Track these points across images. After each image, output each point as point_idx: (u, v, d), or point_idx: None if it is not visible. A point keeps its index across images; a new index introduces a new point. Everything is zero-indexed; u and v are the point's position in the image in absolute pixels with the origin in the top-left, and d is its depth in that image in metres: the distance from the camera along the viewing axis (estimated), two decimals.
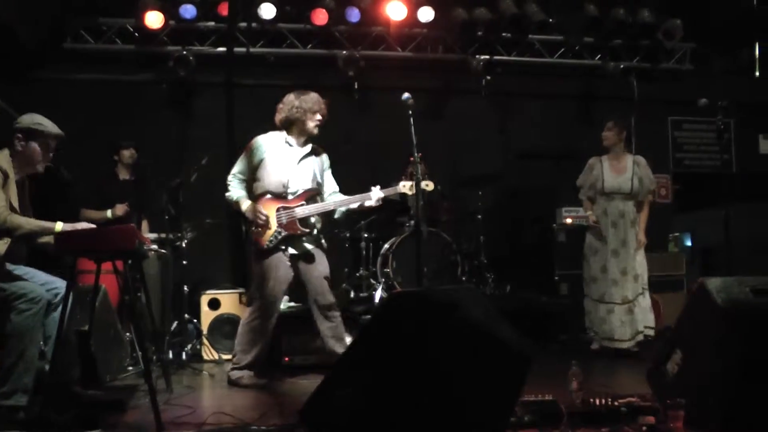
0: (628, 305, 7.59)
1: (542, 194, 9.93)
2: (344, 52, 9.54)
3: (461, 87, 10.14)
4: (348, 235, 8.79)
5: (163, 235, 7.85)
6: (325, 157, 6.72)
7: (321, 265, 6.48)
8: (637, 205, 7.84)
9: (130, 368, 6.58)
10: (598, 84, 10.75)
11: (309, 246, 6.45)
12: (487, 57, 9.93)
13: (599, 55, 10.60)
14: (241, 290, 8.28)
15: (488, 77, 9.83)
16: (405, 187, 6.47)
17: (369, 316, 7.45)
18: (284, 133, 6.55)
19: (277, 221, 6.30)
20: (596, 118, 10.04)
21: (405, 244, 8.23)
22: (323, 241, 6.61)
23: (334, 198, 6.58)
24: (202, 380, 6.84)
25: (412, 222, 8.31)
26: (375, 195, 6.42)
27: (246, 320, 6.45)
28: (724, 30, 11.78)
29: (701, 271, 9.94)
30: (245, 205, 6.36)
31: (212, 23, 9.41)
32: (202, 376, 7.01)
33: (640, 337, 7.57)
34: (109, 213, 7.75)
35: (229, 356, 7.87)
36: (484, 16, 9.82)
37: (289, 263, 6.37)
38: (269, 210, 6.31)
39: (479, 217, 9.23)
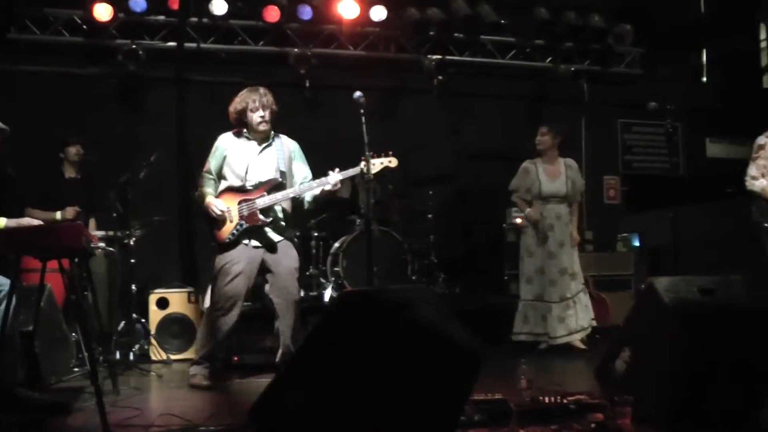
0: (566, 302, 7.69)
1: (493, 194, 9.94)
2: (296, 49, 9.49)
3: (413, 86, 10.15)
4: (298, 233, 8.74)
5: (111, 233, 7.75)
6: (293, 146, 6.66)
7: (289, 258, 6.41)
8: (569, 206, 7.95)
9: (76, 369, 6.47)
10: (549, 86, 10.84)
11: (274, 237, 6.37)
12: (440, 57, 9.97)
13: (550, 58, 10.68)
14: (190, 289, 8.20)
15: (440, 77, 9.86)
16: (364, 165, 6.36)
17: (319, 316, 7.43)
18: (243, 129, 6.50)
19: (239, 214, 6.24)
20: (547, 120, 10.13)
21: (355, 243, 8.21)
22: (296, 232, 6.57)
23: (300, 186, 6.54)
24: (150, 381, 6.74)
25: (363, 221, 8.29)
26: (333, 178, 6.32)
27: (207, 314, 6.43)
28: (674, 36, 11.96)
29: (649, 270, 10.07)
30: (208, 201, 6.30)
31: (162, 17, 9.30)
32: (150, 376, 6.89)
33: (582, 334, 7.68)
34: (58, 215, 7.58)
35: (178, 356, 7.83)
36: (437, 16, 9.85)
37: (252, 257, 6.29)
38: (231, 204, 6.25)
39: (430, 216, 9.24)
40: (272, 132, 6.52)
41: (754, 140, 7.18)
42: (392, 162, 6.46)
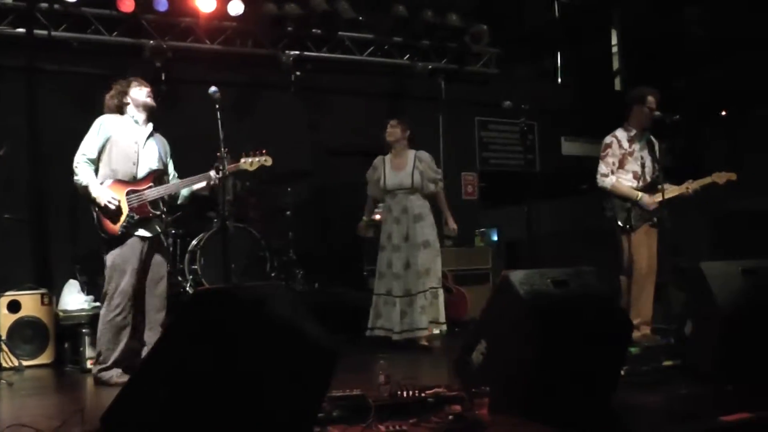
0: (410, 298, 7.64)
1: (351, 190, 10.00)
2: (151, 42, 9.30)
3: (270, 82, 10.10)
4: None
5: None
6: (165, 141, 6.59)
7: (163, 251, 6.44)
8: (425, 198, 7.93)
9: None
10: (408, 83, 10.98)
11: (159, 229, 6.33)
12: (297, 53, 9.96)
13: (408, 55, 10.81)
14: (43, 291, 7.92)
15: (298, 73, 9.85)
16: (246, 163, 6.48)
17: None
18: (126, 114, 6.37)
19: (128, 205, 6.11)
20: (406, 116, 10.25)
21: (212, 241, 8.13)
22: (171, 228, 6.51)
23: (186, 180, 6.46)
24: (0, 390, 6.43)
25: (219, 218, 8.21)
26: (215, 174, 6.32)
27: (106, 317, 6.19)
28: (529, 38, 12.29)
29: (507, 264, 10.30)
30: (96, 190, 6.09)
31: (10, 1, 8.89)
32: (0, 385, 6.57)
33: (423, 332, 7.63)
34: None
35: (31, 362, 7.56)
36: (294, 12, 9.83)
37: (141, 250, 6.18)
38: (119, 194, 6.11)
39: (288, 213, 9.23)
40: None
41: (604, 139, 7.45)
42: (267, 160, 6.53)
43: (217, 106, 6.01)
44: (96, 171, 6.23)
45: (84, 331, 7.30)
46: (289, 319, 3.79)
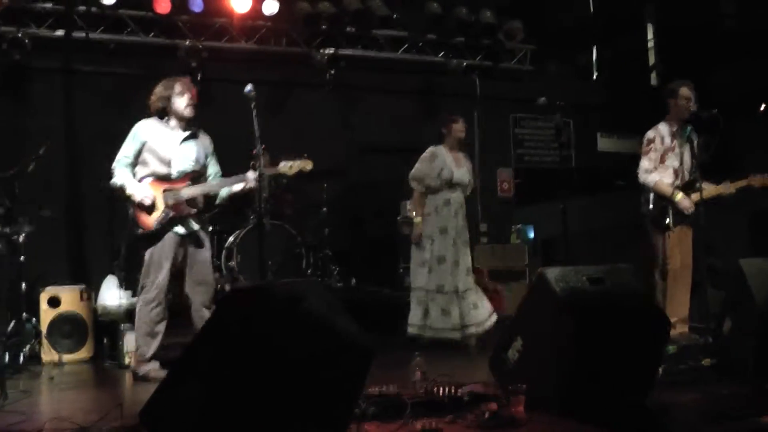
0: (461, 294, 7.56)
1: (386, 187, 10.03)
2: (187, 42, 9.37)
3: (305, 80, 10.15)
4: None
5: None
6: (208, 141, 6.65)
7: (207, 250, 6.47)
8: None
9: None
10: (442, 80, 10.97)
11: (196, 227, 6.37)
12: (331, 51, 9.97)
13: (442, 53, 10.80)
14: (82, 286, 8.01)
15: (332, 71, 9.88)
16: (286, 167, 6.47)
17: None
18: (164, 117, 6.46)
19: (164, 203, 6.19)
20: (438, 114, 10.23)
21: (249, 237, 8.18)
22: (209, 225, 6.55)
23: (216, 180, 6.53)
24: (41, 384, 6.56)
25: (256, 215, 8.24)
26: (253, 175, 6.33)
27: (142, 311, 6.29)
28: (564, 34, 12.23)
29: (542, 261, 10.25)
30: (131, 188, 6.19)
31: (49, 4, 9.03)
32: (41, 379, 6.72)
33: (472, 330, 7.59)
34: None
35: (70, 356, 7.65)
36: (328, 10, 9.85)
37: (177, 246, 6.26)
38: (156, 191, 6.20)
39: (324, 210, 9.26)
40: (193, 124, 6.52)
41: (643, 135, 7.38)
42: (307, 165, 6.51)
43: (253, 105, 6.04)
44: (134, 175, 6.33)
45: (122, 326, 7.36)
46: (325, 316, 3.80)
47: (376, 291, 9.03)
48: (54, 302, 7.79)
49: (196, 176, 6.39)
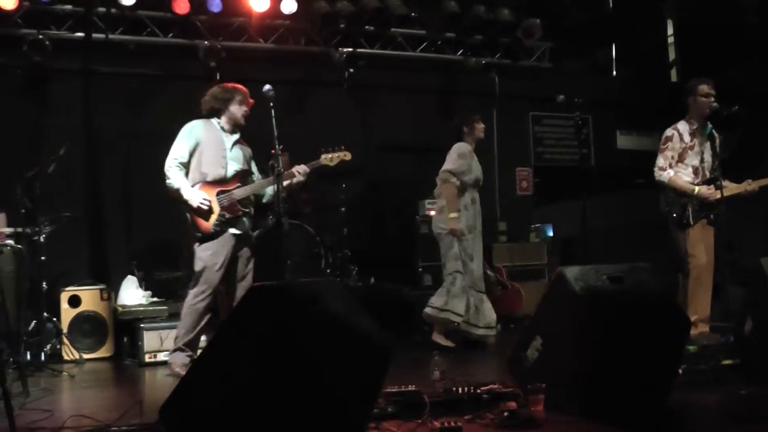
0: (482, 294, 7.62)
1: (404, 186, 10.04)
2: (206, 42, 9.39)
3: (323, 79, 10.14)
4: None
5: (19, 230, 7.55)
6: (248, 148, 6.79)
7: (252, 248, 6.64)
8: None
9: None
10: (460, 79, 10.95)
11: (247, 226, 6.57)
12: (350, 50, 9.97)
13: (461, 51, 10.78)
14: (102, 286, 8.07)
15: (350, 70, 9.87)
16: (326, 158, 6.66)
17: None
18: (215, 119, 6.57)
19: (219, 205, 6.33)
20: (458, 113, 10.22)
21: (268, 237, 8.18)
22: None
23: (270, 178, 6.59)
24: (62, 382, 6.61)
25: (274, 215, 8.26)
26: (301, 169, 6.53)
27: (191, 302, 6.42)
28: (582, 31, 12.17)
29: (562, 260, 10.22)
30: (188, 192, 6.31)
31: (69, 6, 9.02)
32: (62, 377, 6.76)
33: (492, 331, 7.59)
34: None
35: (91, 355, 7.71)
36: (347, 9, 9.83)
37: (230, 246, 6.42)
38: (209, 194, 6.33)
39: (342, 209, 9.26)
40: None
41: (662, 132, 7.36)
42: (347, 155, 6.71)
43: (271, 104, 6.08)
44: (186, 174, 6.44)
45: (142, 325, 7.41)
46: (344, 315, 3.81)
47: (395, 290, 9.02)
48: (74, 302, 7.86)
49: (245, 175, 6.55)
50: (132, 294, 8.21)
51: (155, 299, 8.25)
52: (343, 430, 3.64)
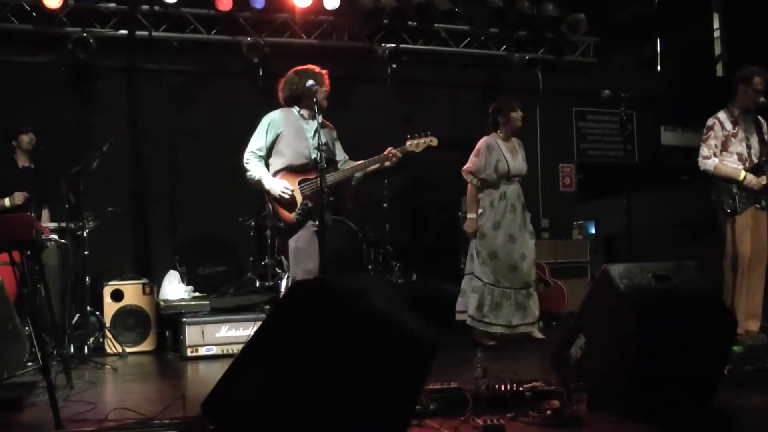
0: (527, 291, 7.50)
1: (447, 183, 9.97)
2: (249, 38, 9.42)
3: (367, 75, 10.14)
4: (253, 223, 8.72)
5: (64, 225, 7.61)
6: (332, 129, 6.70)
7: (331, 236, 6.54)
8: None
9: (29, 364, 6.35)
10: (504, 74, 10.90)
11: (330, 215, 6.45)
12: (393, 45, 9.96)
13: (504, 46, 10.72)
14: (144, 281, 8.14)
15: (394, 65, 9.86)
16: (412, 144, 6.58)
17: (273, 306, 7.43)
18: (294, 107, 6.49)
19: (302, 194, 6.26)
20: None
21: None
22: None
23: (347, 165, 6.56)
24: (105, 375, 6.68)
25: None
26: (392, 154, 6.45)
27: None
28: (627, 25, 12.07)
29: (605, 257, 10.17)
30: (269, 182, 6.25)
31: (113, 4, 9.15)
32: (105, 370, 6.84)
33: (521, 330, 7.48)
34: (7, 201, 7.45)
35: (133, 349, 7.78)
36: (390, 4, 9.83)
37: (316, 235, 6.32)
38: (292, 184, 6.27)
39: (385, 205, 9.25)
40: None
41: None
42: (433, 141, 6.65)
43: (314, 100, 6.07)
44: (267, 166, 6.39)
45: (184, 320, 7.45)
46: (387, 311, 3.78)
47: (438, 286, 8.99)
48: (117, 296, 7.95)
49: (329, 164, 6.40)
50: (174, 289, 8.27)
51: (197, 294, 8.30)
52: (386, 427, 3.62)
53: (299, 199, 6.24)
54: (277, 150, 6.35)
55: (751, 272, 6.90)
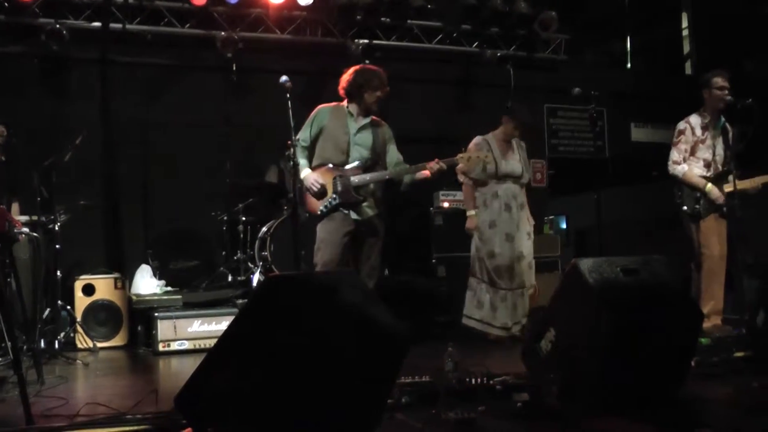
0: (522, 290, 7.52)
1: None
2: (223, 33, 9.40)
3: (340, 71, 10.06)
4: (226, 217, 8.72)
5: (35, 218, 7.57)
6: (386, 128, 6.77)
7: (380, 236, 6.58)
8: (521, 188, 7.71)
9: None
10: (476, 71, 10.95)
11: (371, 213, 6.49)
12: (367, 41, 9.98)
13: (477, 43, 10.76)
14: (116, 275, 8.11)
15: (367, 61, 9.85)
16: (462, 159, 6.62)
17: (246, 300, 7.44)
18: (345, 102, 6.59)
19: (333, 189, 6.33)
20: (474, 104, 10.23)
21: (283, 228, 8.21)
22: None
23: (398, 168, 6.60)
24: (76, 370, 6.65)
25: (290, 205, 8.27)
26: (433, 167, 6.44)
27: None
28: (598, 23, 12.14)
29: (576, 252, 10.21)
30: (304, 173, 6.36)
31: None
32: (76, 365, 6.81)
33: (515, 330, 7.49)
34: None
35: (105, 344, 7.75)
36: (364, 0, 9.83)
37: (348, 227, 6.38)
38: (326, 178, 6.34)
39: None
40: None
41: (677, 124, 7.34)
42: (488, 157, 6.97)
43: (288, 95, 6.09)
44: (312, 156, 6.49)
45: (156, 314, 7.43)
46: (360, 305, 3.82)
47: (410, 281, 9.03)
48: (88, 290, 7.92)
49: (371, 164, 6.48)
50: (146, 283, 8.25)
51: (169, 288, 8.29)
52: (358, 421, 3.65)
53: (329, 194, 6.34)
54: (320, 144, 6.48)
55: (715, 271, 7.03)
